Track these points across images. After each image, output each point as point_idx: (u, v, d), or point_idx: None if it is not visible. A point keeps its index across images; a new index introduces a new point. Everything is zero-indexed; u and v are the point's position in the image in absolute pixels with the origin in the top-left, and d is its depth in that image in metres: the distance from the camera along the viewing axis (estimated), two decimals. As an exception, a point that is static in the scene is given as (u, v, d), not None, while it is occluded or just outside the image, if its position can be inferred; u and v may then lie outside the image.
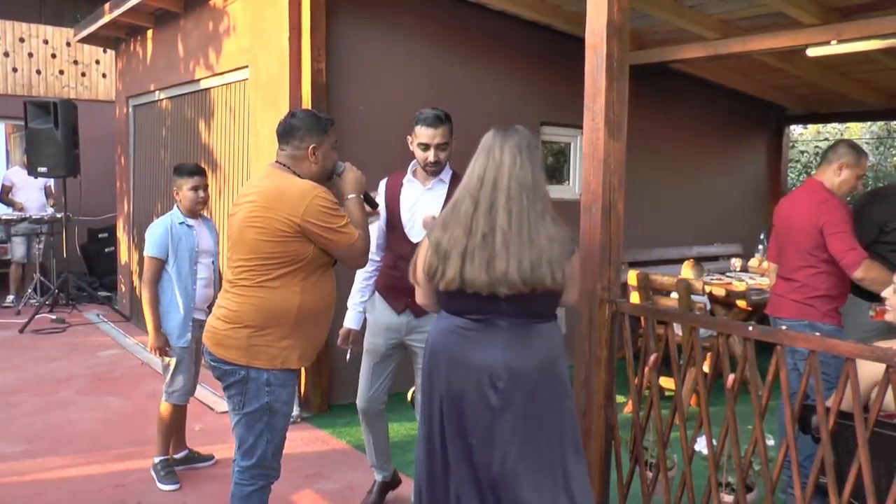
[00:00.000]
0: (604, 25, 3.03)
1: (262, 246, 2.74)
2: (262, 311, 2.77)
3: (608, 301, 3.14)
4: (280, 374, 2.82)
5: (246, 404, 2.81)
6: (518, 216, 2.39)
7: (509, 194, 2.41)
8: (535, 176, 2.47)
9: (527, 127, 2.61)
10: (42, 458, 4.45)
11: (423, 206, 3.47)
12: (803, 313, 3.73)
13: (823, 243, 3.63)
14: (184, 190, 4.22)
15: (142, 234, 8.07)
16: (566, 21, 6.03)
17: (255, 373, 2.79)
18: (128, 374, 6.29)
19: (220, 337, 2.83)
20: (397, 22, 5.75)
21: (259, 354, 2.79)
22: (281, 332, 2.80)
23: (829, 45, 5.42)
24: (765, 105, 9.20)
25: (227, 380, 2.84)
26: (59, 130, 8.05)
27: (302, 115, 2.94)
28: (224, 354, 2.82)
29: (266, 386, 2.80)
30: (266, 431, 2.84)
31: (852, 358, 2.36)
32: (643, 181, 6.78)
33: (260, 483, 2.89)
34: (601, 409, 3.18)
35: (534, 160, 2.49)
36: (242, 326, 2.78)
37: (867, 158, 3.83)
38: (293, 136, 2.87)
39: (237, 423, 2.86)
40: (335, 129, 2.97)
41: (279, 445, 2.92)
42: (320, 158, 2.89)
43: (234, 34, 6.02)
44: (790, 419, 2.57)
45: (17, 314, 8.43)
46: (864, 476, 2.31)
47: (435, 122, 3.40)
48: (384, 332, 3.59)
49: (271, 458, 2.89)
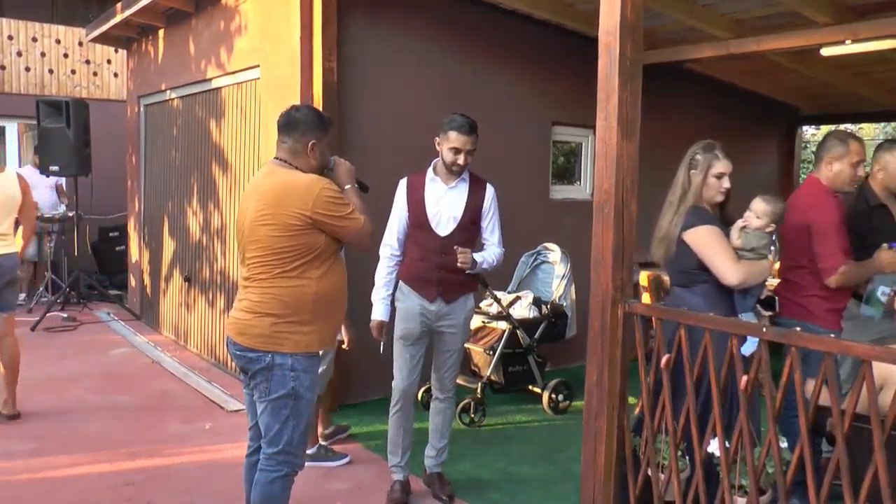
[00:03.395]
0: (617, 24, 3.01)
1: (276, 241, 2.85)
2: (283, 300, 2.87)
3: (621, 302, 3.12)
4: (303, 359, 2.92)
5: (272, 390, 2.90)
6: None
7: None
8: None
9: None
10: (53, 456, 4.46)
11: (447, 203, 3.82)
12: (799, 313, 3.71)
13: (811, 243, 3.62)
14: None
15: (153, 232, 8.13)
16: (578, 20, 6.01)
17: (279, 358, 2.87)
18: (138, 373, 6.31)
19: (244, 326, 2.92)
20: (408, 21, 5.74)
21: (283, 341, 2.88)
22: (301, 318, 2.90)
23: (844, 45, 5.38)
24: (777, 105, 9.16)
25: (252, 367, 2.92)
26: (70, 129, 8.10)
27: (305, 109, 3.05)
28: (249, 343, 2.90)
29: (291, 371, 2.89)
30: (292, 417, 2.92)
31: (868, 360, 2.33)
32: (655, 181, 6.75)
33: (285, 470, 2.96)
34: (613, 411, 3.15)
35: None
36: (265, 315, 2.88)
37: (859, 143, 3.77)
38: (295, 129, 2.97)
39: (263, 411, 2.94)
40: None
41: (304, 432, 3.01)
42: (317, 155, 3.00)
43: (246, 33, 6.03)
44: (804, 422, 2.54)
45: (28, 312, 8.46)
46: (882, 480, 2.28)
47: (468, 131, 3.73)
48: (418, 317, 3.82)
49: (297, 445, 2.97)
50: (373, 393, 5.59)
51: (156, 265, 8.09)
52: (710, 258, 3.27)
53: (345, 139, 5.32)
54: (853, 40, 5.22)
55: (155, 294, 8.12)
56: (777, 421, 2.63)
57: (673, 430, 2.94)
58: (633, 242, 3.14)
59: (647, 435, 3.07)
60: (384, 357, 4.06)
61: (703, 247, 3.28)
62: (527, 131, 6.48)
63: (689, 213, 3.34)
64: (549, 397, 5.49)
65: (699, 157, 3.45)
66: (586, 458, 3.23)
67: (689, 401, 2.85)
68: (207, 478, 4.20)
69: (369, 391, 5.58)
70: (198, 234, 6.96)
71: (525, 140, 6.46)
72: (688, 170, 3.45)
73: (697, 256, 3.30)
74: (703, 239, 3.28)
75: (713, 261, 3.26)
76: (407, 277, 3.88)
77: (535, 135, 6.59)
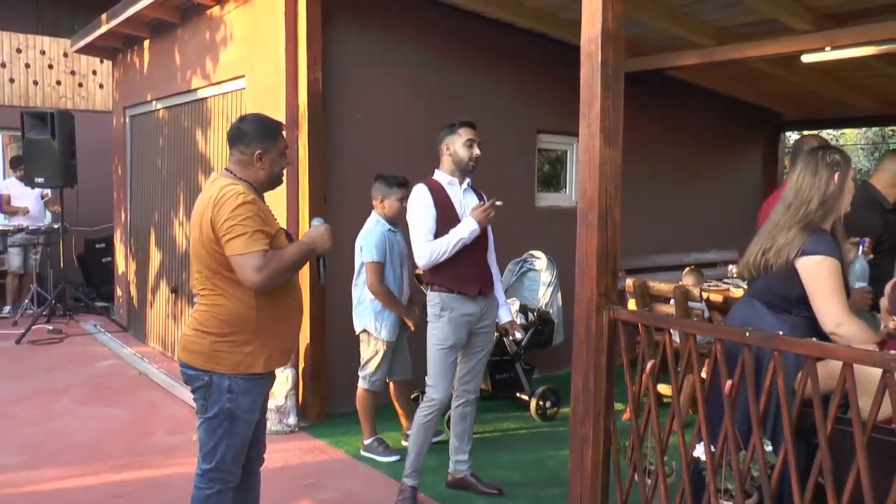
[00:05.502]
0: (598, 33, 3.04)
1: (205, 255, 2.81)
2: (222, 318, 2.82)
3: (606, 308, 3.14)
4: (243, 382, 2.86)
5: (208, 409, 2.87)
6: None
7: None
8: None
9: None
10: (40, 468, 4.44)
11: (467, 203, 3.99)
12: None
13: None
14: (391, 200, 4.56)
15: (139, 243, 8.10)
16: (562, 29, 6.05)
17: (217, 378, 2.83)
18: (125, 385, 6.28)
19: (186, 342, 2.90)
20: (394, 31, 5.77)
21: (221, 360, 2.83)
22: (243, 338, 2.84)
23: (824, 52, 5.45)
24: (761, 112, 9.23)
25: (192, 384, 2.90)
26: (56, 141, 8.07)
27: (251, 120, 2.99)
28: (189, 360, 2.88)
29: (227, 392, 2.84)
30: (226, 437, 2.88)
31: (849, 363, 2.36)
32: (640, 188, 6.80)
33: (217, 487, 2.93)
34: (600, 417, 3.17)
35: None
36: (205, 332, 2.84)
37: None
38: (241, 140, 2.92)
39: (199, 426, 2.93)
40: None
41: (239, 451, 2.94)
42: (267, 164, 2.92)
43: (231, 44, 6.03)
44: (788, 424, 2.56)
45: (13, 325, 8.41)
46: (864, 483, 2.30)
47: (473, 124, 3.99)
48: (465, 325, 3.96)
49: (230, 463, 2.93)
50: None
51: (142, 276, 8.06)
52: (817, 297, 2.82)
53: (331, 148, 5.33)
54: (833, 47, 5.28)
55: (142, 305, 8.09)
56: (761, 425, 2.65)
57: (659, 436, 2.95)
58: (617, 249, 3.17)
59: (634, 440, 3.09)
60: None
61: (817, 282, 2.82)
62: (512, 139, 6.50)
63: (815, 238, 2.85)
64: (537, 404, 5.51)
65: (836, 157, 2.92)
66: (573, 464, 3.25)
67: (725, 417, 2.84)
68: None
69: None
70: (184, 244, 6.94)
71: (511, 148, 6.48)
72: (824, 175, 2.90)
73: (804, 287, 2.86)
74: (821, 275, 2.82)
75: (819, 301, 2.82)
76: (447, 283, 3.92)
77: (520, 143, 6.62)
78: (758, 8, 4.99)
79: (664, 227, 7.83)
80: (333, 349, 5.40)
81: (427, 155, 5.23)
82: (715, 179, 8.72)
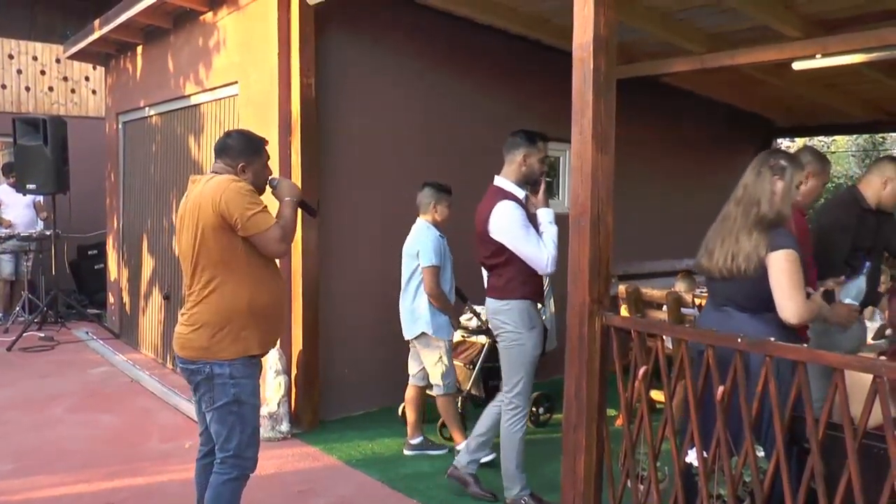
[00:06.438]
0: (590, 39, 3.05)
1: (201, 251, 2.99)
2: (217, 311, 3.01)
3: (598, 314, 3.15)
4: (242, 367, 3.05)
5: (215, 399, 3.04)
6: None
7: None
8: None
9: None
10: (32, 476, 4.41)
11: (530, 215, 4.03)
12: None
13: None
14: (443, 206, 4.70)
15: (131, 250, 8.07)
16: (555, 35, 6.06)
17: (218, 368, 3.01)
18: (118, 392, 6.26)
19: (184, 340, 3.06)
20: (387, 37, 5.78)
21: (220, 350, 3.01)
22: (241, 324, 3.03)
23: (814, 59, 5.48)
24: (752, 118, 9.28)
25: (194, 379, 3.07)
26: (48, 147, 8.04)
27: (237, 135, 3.25)
28: (189, 355, 3.05)
29: (231, 379, 3.02)
30: (238, 423, 3.06)
31: (840, 369, 2.37)
32: (632, 194, 6.81)
33: (235, 472, 3.10)
34: (593, 423, 3.18)
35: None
36: (202, 327, 3.02)
37: (830, 166, 3.89)
38: (226, 154, 3.16)
39: (211, 420, 3.08)
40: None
41: (252, 437, 3.13)
42: (251, 175, 3.13)
43: (224, 50, 6.03)
44: (780, 430, 2.57)
45: (5, 332, 8.36)
46: (855, 488, 2.31)
47: (549, 138, 4.11)
48: (540, 334, 4.00)
49: (246, 448, 3.10)
50: (354, 409, 5.59)
51: (135, 283, 8.03)
52: (781, 290, 2.92)
53: (324, 154, 5.33)
54: (824, 54, 5.31)
55: (134, 312, 8.06)
56: (754, 429, 2.66)
57: (651, 443, 2.96)
58: (609, 255, 3.18)
59: (627, 446, 3.10)
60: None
61: (783, 275, 2.92)
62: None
63: (775, 233, 3.00)
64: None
65: (781, 162, 3.11)
66: (566, 470, 3.25)
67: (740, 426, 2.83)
68: (188, 496, 4.14)
69: (351, 407, 5.58)
70: (177, 251, 6.92)
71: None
72: (766, 176, 3.09)
73: None
74: (787, 268, 2.92)
75: (782, 294, 2.92)
76: (529, 295, 3.93)
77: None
78: (749, 15, 5.02)
79: (656, 233, 7.85)
80: (326, 356, 5.40)
81: (419, 160, 5.25)
82: (706, 185, 8.72)
